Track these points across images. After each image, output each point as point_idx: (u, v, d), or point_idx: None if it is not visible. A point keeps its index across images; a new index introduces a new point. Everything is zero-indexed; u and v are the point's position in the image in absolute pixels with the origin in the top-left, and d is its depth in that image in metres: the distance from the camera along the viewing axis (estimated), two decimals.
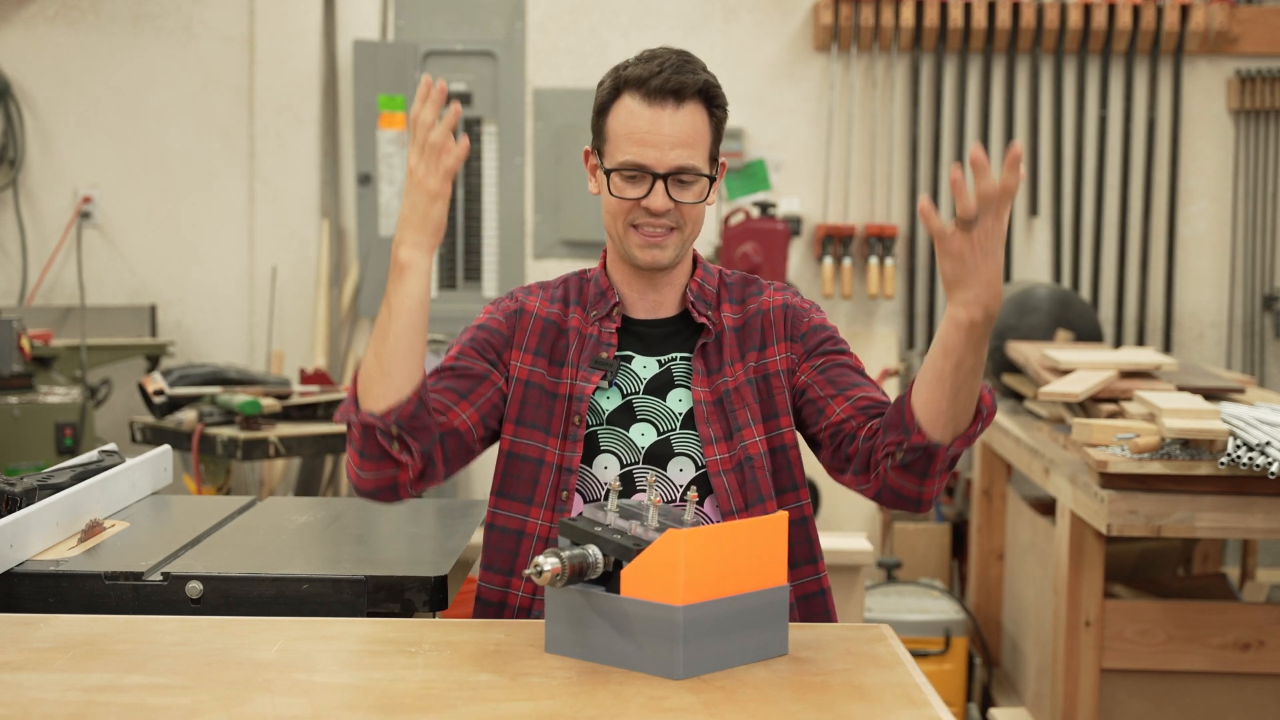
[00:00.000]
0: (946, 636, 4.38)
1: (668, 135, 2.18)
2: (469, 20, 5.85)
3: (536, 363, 2.28)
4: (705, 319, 2.29)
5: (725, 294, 2.34)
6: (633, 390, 2.27)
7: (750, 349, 2.29)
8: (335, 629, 2.02)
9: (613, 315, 2.30)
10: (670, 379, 2.28)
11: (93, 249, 5.86)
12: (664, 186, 2.19)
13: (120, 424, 5.61)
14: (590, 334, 2.29)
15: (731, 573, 1.86)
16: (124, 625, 2.04)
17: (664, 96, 2.18)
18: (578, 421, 2.24)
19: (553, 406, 2.26)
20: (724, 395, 2.25)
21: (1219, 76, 5.78)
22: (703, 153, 2.22)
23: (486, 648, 1.95)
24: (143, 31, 5.85)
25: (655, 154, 2.18)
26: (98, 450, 2.71)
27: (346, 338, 5.87)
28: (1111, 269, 5.83)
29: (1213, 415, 3.17)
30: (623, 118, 2.21)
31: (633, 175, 2.20)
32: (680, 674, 1.82)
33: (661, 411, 2.26)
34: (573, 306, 2.32)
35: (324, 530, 2.54)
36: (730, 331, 2.30)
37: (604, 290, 2.32)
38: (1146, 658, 3.40)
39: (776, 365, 2.29)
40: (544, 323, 2.31)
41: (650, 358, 2.29)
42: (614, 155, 2.22)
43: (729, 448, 2.24)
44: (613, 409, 2.26)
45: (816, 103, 5.82)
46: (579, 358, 2.28)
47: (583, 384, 2.26)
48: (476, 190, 5.89)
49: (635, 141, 2.19)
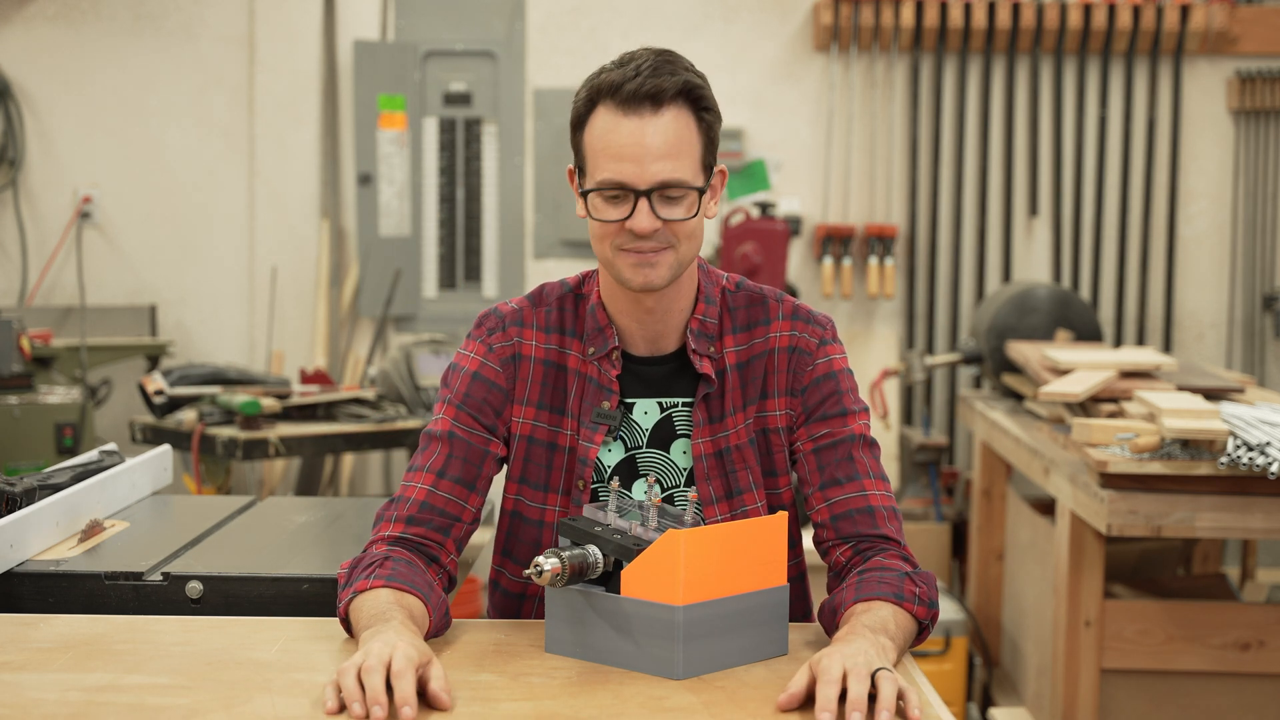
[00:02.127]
0: (946, 636, 4.38)
1: (649, 147, 1.97)
2: (469, 20, 5.85)
3: (539, 416, 2.14)
4: (708, 360, 2.12)
5: (729, 322, 2.15)
6: (635, 444, 2.14)
7: (752, 399, 2.13)
8: (335, 629, 2.02)
9: (613, 359, 2.12)
10: (672, 429, 2.14)
11: (93, 249, 5.86)
12: (648, 204, 1.98)
13: (120, 424, 5.61)
14: (590, 376, 2.13)
15: (731, 573, 1.86)
16: (124, 625, 2.04)
17: (640, 102, 1.98)
18: (581, 486, 2.12)
19: (553, 460, 2.14)
20: (725, 451, 2.12)
21: (1219, 76, 5.78)
22: (690, 162, 2.00)
23: (486, 647, 1.95)
24: (143, 31, 5.85)
25: (634, 169, 1.98)
26: (98, 450, 2.71)
27: (346, 338, 5.87)
28: (1111, 269, 5.83)
29: (1213, 415, 3.17)
30: (598, 132, 2.01)
31: (614, 195, 2.00)
32: (680, 674, 1.82)
33: (665, 466, 2.15)
34: (569, 338, 2.15)
35: (324, 530, 2.54)
36: (733, 371, 2.13)
37: (602, 327, 2.13)
38: (1146, 658, 3.40)
39: (776, 421, 2.14)
40: (543, 367, 2.14)
41: (651, 400, 2.14)
42: (593, 174, 2.02)
43: (729, 508, 2.13)
44: (615, 464, 2.14)
45: (816, 103, 5.82)
46: (580, 407, 2.13)
47: (586, 444, 2.12)
48: (476, 190, 5.89)
49: (612, 156, 1.99)
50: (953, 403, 5.76)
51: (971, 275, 5.81)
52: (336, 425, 4.50)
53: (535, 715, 1.70)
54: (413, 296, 5.86)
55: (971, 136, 5.80)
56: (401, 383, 4.77)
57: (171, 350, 5.63)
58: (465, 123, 5.86)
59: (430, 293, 5.91)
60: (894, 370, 5.18)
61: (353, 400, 4.65)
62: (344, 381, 5.70)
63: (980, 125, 5.78)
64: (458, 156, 5.88)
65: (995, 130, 5.81)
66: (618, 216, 2.01)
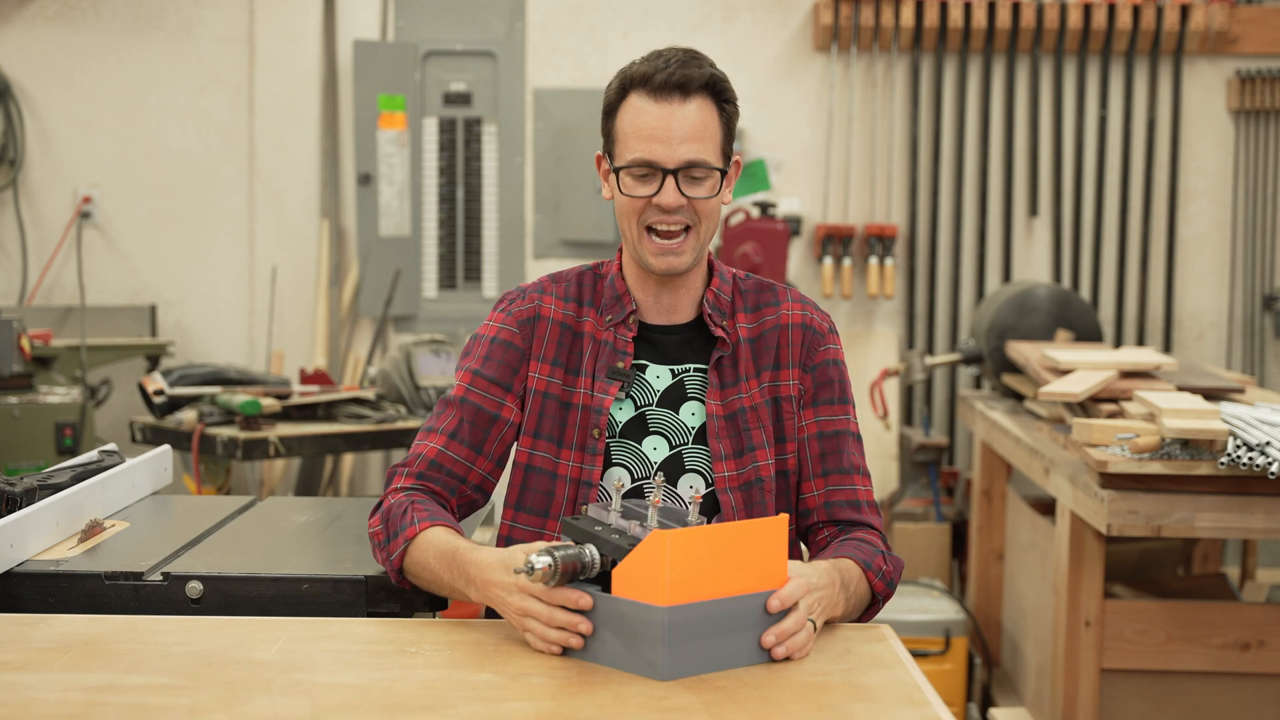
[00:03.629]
0: (946, 636, 4.38)
1: (676, 130, 2.16)
2: (469, 20, 5.86)
3: (554, 373, 2.27)
4: (721, 330, 2.28)
5: (740, 302, 2.32)
6: (646, 402, 2.27)
7: (765, 367, 2.29)
8: (335, 629, 2.02)
9: (629, 323, 2.28)
10: (683, 391, 2.27)
11: (93, 249, 5.86)
12: (675, 182, 2.17)
13: (120, 424, 5.62)
14: (606, 340, 2.28)
15: (728, 574, 1.85)
16: (124, 625, 2.04)
17: (670, 91, 2.16)
18: (596, 435, 2.24)
19: (567, 418, 2.25)
20: (739, 412, 2.25)
21: (1219, 76, 5.78)
22: (713, 147, 2.19)
23: (487, 647, 1.95)
24: (143, 31, 5.85)
25: (664, 149, 2.16)
26: (98, 450, 2.71)
27: (346, 338, 5.87)
28: (1111, 269, 5.83)
29: (1213, 415, 3.17)
30: (630, 116, 2.19)
31: (643, 173, 2.18)
32: (663, 675, 1.80)
33: (674, 425, 2.26)
34: (586, 308, 2.30)
35: (324, 530, 2.54)
36: (745, 344, 2.29)
37: (620, 295, 2.29)
38: (1146, 658, 3.40)
39: (789, 390, 2.28)
40: (560, 328, 2.29)
41: (664, 366, 2.28)
42: (623, 154, 2.20)
43: (738, 465, 2.24)
44: (626, 421, 2.26)
45: (816, 103, 5.82)
46: (594, 366, 2.26)
47: (600, 395, 2.25)
48: (476, 190, 5.89)
49: (643, 138, 2.17)
50: (953, 403, 5.76)
51: (971, 275, 5.82)
52: (336, 425, 4.50)
53: (535, 715, 1.70)
54: (412, 296, 5.86)
55: (972, 136, 5.81)
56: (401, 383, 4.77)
57: (171, 350, 5.63)
58: (465, 122, 5.86)
59: (430, 293, 5.91)
60: (894, 370, 5.18)
61: (352, 400, 4.65)
62: (344, 381, 5.70)
63: (980, 125, 5.78)
64: (458, 156, 5.88)
65: (995, 130, 5.81)
66: (646, 193, 2.19)
